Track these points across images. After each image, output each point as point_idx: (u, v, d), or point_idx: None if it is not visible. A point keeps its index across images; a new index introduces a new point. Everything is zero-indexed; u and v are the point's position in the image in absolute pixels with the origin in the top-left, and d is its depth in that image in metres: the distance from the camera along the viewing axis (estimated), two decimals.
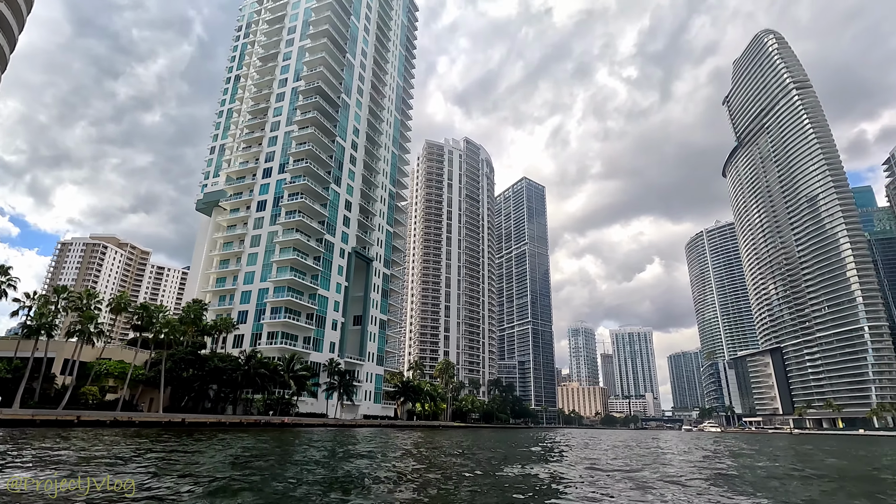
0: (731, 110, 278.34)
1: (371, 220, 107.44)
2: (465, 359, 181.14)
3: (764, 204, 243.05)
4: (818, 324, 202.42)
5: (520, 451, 35.87)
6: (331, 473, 18.38)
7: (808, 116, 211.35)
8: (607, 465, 26.26)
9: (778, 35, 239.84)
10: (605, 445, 49.92)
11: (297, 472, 17.75)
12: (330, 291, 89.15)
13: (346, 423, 76.34)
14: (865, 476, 25.22)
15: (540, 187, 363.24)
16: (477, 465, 23.77)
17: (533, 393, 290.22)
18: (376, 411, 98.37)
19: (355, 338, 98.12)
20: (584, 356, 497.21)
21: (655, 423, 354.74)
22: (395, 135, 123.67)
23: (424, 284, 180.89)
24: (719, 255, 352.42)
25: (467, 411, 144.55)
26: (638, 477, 20.59)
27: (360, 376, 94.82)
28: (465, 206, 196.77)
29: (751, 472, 24.71)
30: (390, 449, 32.61)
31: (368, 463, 22.63)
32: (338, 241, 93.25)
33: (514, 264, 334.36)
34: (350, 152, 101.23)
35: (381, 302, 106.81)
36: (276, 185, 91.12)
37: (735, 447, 52.95)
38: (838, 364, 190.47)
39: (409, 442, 42.06)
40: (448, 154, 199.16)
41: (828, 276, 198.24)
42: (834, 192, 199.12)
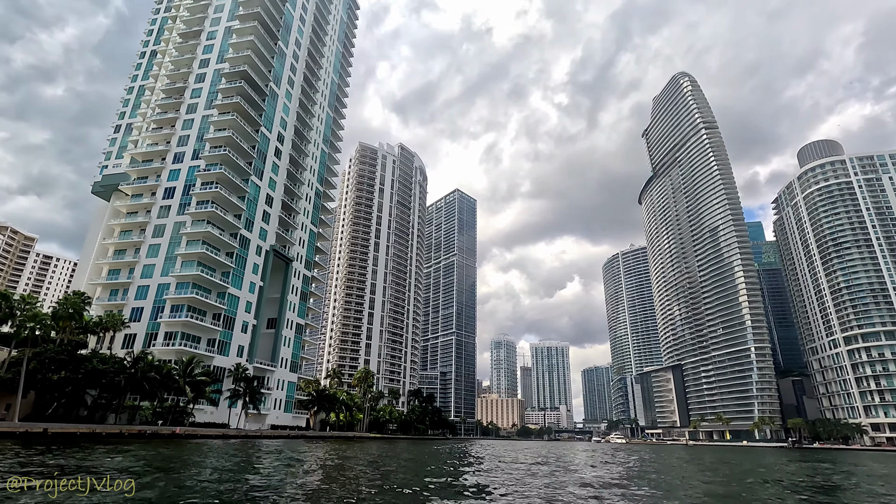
0: (649, 143, 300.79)
1: (294, 218, 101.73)
2: (386, 368, 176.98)
3: (673, 231, 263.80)
4: (713, 343, 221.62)
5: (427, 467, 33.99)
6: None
7: (714, 155, 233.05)
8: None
9: (692, 78, 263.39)
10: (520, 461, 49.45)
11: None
12: (242, 291, 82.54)
13: (250, 434, 70.33)
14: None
15: (472, 200, 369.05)
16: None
17: (453, 404, 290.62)
18: (286, 421, 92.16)
19: (268, 342, 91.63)
20: (505, 368, 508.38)
21: (567, 435, 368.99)
22: (327, 132, 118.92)
23: (348, 290, 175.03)
24: (632, 276, 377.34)
25: (385, 422, 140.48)
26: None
27: (270, 383, 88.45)
28: (396, 212, 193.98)
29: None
30: (284, 465, 29.33)
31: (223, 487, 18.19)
32: (255, 238, 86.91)
33: (441, 275, 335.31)
34: (276, 144, 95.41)
35: (300, 305, 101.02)
36: (188, 172, 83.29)
37: (633, 461, 54.77)
38: (728, 381, 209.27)
39: (310, 456, 38.64)
40: (382, 159, 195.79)
41: (723, 301, 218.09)
42: (732, 225, 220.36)
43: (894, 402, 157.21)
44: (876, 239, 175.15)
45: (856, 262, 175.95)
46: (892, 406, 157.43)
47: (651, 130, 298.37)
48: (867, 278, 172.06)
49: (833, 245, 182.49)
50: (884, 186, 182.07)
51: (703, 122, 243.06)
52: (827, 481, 31.55)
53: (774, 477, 33.45)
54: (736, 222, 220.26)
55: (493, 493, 18.33)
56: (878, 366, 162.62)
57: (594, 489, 21.73)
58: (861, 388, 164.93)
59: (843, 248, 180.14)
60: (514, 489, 20.10)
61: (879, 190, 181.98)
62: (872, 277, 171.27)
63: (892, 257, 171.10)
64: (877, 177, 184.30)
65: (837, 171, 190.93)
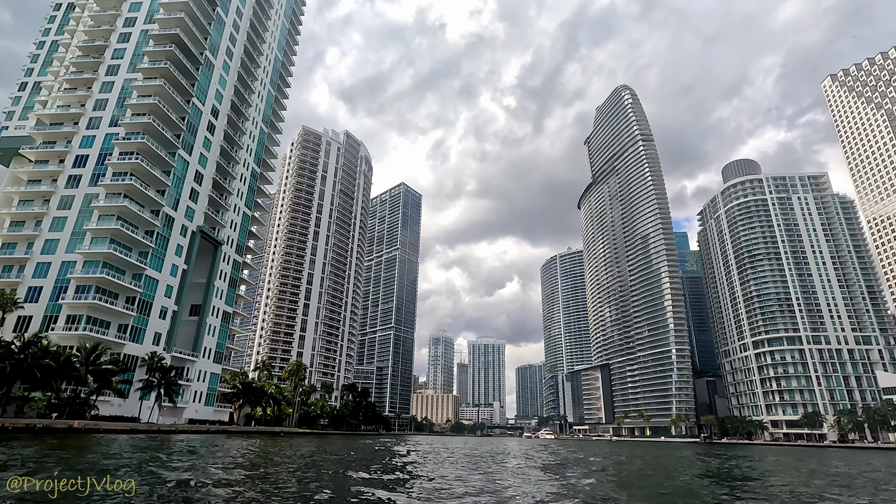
0: (591, 151, 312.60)
1: (226, 199, 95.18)
2: (320, 361, 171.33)
3: (608, 237, 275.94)
4: (639, 344, 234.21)
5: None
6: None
7: (649, 166, 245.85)
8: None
9: (633, 92, 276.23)
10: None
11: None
12: (162, 273, 75.81)
13: (164, 428, 64.63)
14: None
15: (417, 195, 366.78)
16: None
17: (388, 399, 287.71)
18: (207, 415, 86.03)
19: (190, 330, 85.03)
20: (442, 364, 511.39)
21: (499, 431, 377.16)
22: (267, 111, 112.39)
23: (284, 279, 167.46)
24: (568, 278, 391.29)
25: (315, 416, 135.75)
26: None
27: (190, 374, 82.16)
28: (339, 201, 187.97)
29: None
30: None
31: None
32: (180, 217, 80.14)
33: (383, 269, 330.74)
34: (209, 118, 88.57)
35: (228, 292, 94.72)
36: (104, 140, 75.23)
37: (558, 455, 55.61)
38: (651, 380, 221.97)
39: (219, 453, 35.44)
40: (326, 145, 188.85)
41: (650, 305, 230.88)
42: (661, 233, 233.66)
43: (791, 401, 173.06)
44: (784, 253, 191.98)
45: (766, 273, 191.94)
46: (789, 405, 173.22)
47: (593, 139, 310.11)
48: (775, 288, 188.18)
49: (748, 257, 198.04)
50: (793, 205, 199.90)
51: (641, 135, 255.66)
52: (713, 468, 33.10)
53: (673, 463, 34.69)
54: (665, 231, 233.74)
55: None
56: (779, 368, 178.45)
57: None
58: (765, 388, 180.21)
59: (756, 259, 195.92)
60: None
61: (790, 208, 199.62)
62: (779, 288, 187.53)
63: (797, 270, 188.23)
64: (787, 196, 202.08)
65: (755, 189, 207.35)
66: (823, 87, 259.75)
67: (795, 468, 39.19)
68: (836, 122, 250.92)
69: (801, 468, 39.16)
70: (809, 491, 21.94)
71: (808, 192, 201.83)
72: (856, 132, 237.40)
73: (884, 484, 26.41)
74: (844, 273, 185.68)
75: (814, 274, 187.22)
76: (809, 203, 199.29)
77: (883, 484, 26.39)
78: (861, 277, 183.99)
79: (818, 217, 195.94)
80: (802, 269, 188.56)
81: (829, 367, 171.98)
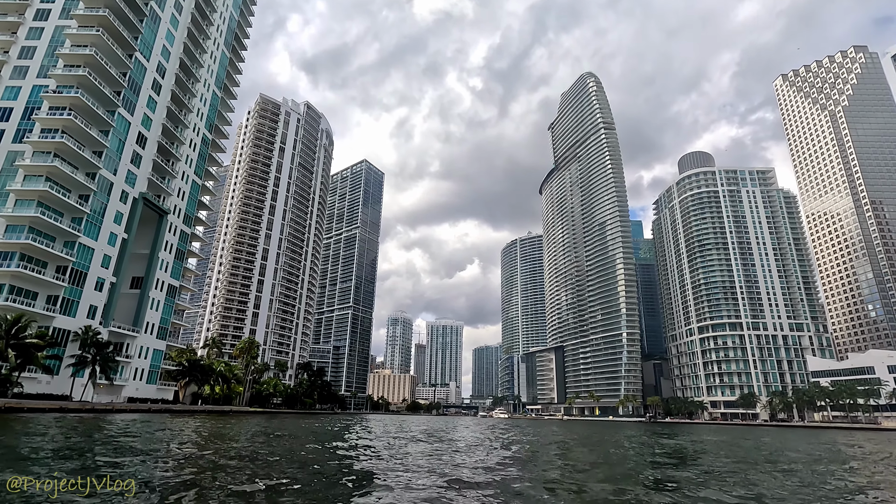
0: (554, 136, 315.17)
1: (173, 165, 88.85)
2: (274, 339, 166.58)
3: (567, 222, 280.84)
4: (592, 327, 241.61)
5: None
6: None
7: (609, 154, 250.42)
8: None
9: (597, 80, 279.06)
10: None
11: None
12: (99, 242, 70.04)
13: (99, 407, 60.40)
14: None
15: (380, 173, 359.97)
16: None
17: (345, 378, 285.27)
18: (149, 394, 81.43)
19: (130, 304, 79.64)
20: (400, 345, 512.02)
21: (454, 410, 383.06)
22: (221, 74, 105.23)
23: (237, 254, 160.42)
24: (528, 261, 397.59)
25: (268, 395, 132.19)
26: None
27: (130, 351, 77.19)
28: (297, 175, 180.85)
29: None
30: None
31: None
32: (119, 181, 74.00)
33: (342, 247, 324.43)
34: (154, 76, 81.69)
35: (174, 264, 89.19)
36: (31, 92, 67.88)
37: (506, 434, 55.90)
38: (602, 362, 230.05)
39: (147, 434, 32.86)
40: (285, 115, 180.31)
41: (604, 289, 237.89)
42: (618, 221, 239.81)
43: (729, 383, 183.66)
44: (731, 244, 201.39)
45: (714, 262, 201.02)
46: (727, 387, 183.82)
47: (556, 125, 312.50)
48: (721, 277, 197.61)
49: (698, 246, 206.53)
50: (741, 198, 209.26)
51: (603, 123, 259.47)
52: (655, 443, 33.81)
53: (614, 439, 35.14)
54: (622, 219, 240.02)
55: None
56: (721, 352, 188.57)
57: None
58: (707, 370, 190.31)
59: (705, 249, 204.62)
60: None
61: (738, 201, 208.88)
62: (725, 276, 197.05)
63: (742, 260, 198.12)
64: (737, 189, 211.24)
65: (709, 181, 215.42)
66: (775, 85, 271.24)
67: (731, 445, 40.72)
68: (784, 119, 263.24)
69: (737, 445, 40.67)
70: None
71: (756, 186, 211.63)
72: (801, 130, 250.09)
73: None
74: (784, 264, 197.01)
75: (756, 264, 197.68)
76: (756, 196, 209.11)
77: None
78: (798, 269, 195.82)
79: (763, 210, 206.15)
80: (747, 259, 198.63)
81: (765, 351, 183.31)
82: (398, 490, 13.56)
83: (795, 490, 16.00)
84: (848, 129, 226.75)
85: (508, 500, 12.83)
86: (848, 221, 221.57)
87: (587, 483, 16.78)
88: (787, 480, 18.28)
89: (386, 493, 12.94)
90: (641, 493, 14.58)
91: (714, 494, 14.28)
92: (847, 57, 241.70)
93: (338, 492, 13.28)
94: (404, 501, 12.02)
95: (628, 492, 14.80)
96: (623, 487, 15.70)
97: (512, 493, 13.89)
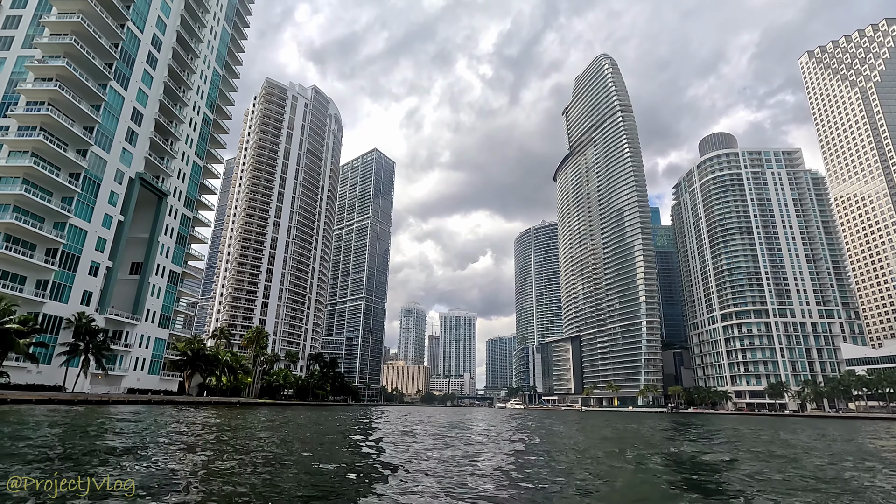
0: (569, 121, 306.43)
1: (172, 145, 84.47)
2: (285, 329, 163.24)
3: (583, 209, 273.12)
4: (610, 317, 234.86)
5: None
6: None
7: (627, 138, 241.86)
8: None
9: (613, 61, 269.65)
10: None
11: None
12: (92, 224, 65.94)
13: (93, 399, 56.53)
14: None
15: (391, 162, 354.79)
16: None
17: (358, 370, 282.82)
18: (151, 384, 77.77)
19: (129, 290, 75.81)
20: (414, 336, 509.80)
21: (469, 401, 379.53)
22: (222, 50, 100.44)
23: (245, 242, 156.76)
24: (542, 251, 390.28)
25: (278, 387, 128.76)
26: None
27: (129, 339, 73.40)
28: (306, 161, 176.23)
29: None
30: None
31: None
32: (114, 160, 69.72)
33: (354, 237, 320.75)
34: (149, 49, 77.05)
35: (176, 249, 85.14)
36: (16, 63, 63.63)
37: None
38: (620, 352, 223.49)
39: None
40: (292, 100, 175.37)
41: (622, 278, 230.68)
42: (637, 207, 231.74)
43: (755, 372, 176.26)
44: (756, 228, 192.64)
45: (737, 247, 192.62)
46: (752, 376, 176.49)
47: (571, 109, 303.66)
48: (745, 262, 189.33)
49: (721, 230, 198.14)
50: (766, 180, 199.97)
51: (620, 105, 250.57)
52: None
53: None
54: (640, 203, 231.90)
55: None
56: (745, 340, 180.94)
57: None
58: (730, 359, 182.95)
59: (728, 233, 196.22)
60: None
61: (763, 183, 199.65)
62: (749, 262, 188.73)
63: (767, 245, 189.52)
64: (762, 171, 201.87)
65: (731, 163, 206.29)
66: (800, 63, 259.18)
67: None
68: (810, 99, 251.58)
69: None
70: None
71: (782, 168, 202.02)
72: (829, 110, 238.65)
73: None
74: (812, 248, 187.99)
75: (783, 248, 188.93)
76: (782, 178, 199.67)
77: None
78: (827, 253, 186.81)
79: (790, 192, 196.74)
80: (773, 243, 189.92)
81: (792, 339, 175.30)
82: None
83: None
84: (881, 106, 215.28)
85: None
86: (880, 203, 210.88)
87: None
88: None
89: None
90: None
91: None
92: (878, 31, 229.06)
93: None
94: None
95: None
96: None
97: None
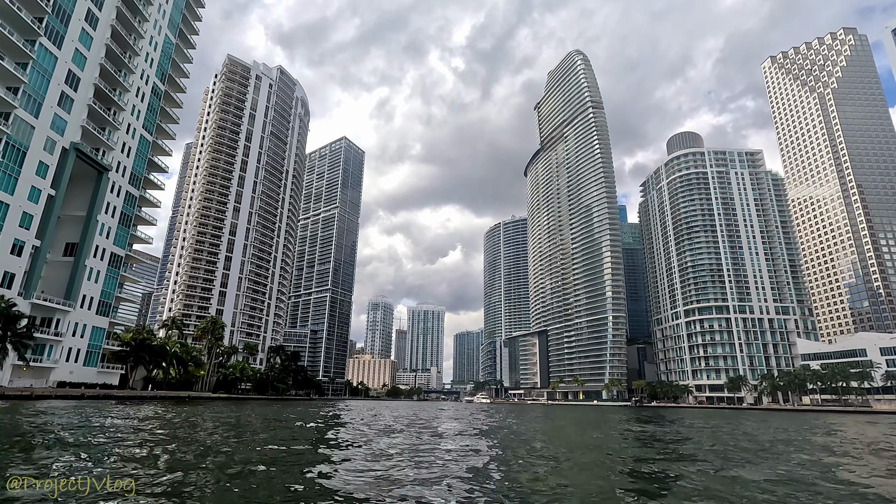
0: (540, 116, 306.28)
1: (116, 115, 76.92)
2: (244, 320, 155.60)
3: (552, 205, 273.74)
4: (577, 312, 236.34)
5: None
6: None
7: (598, 135, 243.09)
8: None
9: (585, 58, 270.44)
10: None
11: None
12: (16, 197, 58.64)
13: (11, 393, 50.08)
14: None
15: (360, 151, 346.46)
16: None
17: (322, 363, 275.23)
18: (87, 377, 70.70)
19: (62, 273, 68.51)
20: (381, 330, 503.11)
21: (435, 395, 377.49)
22: (176, 16, 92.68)
23: (202, 227, 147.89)
24: (511, 246, 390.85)
25: (235, 380, 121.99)
26: None
27: (61, 327, 66.27)
28: (269, 145, 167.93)
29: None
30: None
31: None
32: (43, 126, 62.31)
33: (320, 228, 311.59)
34: (88, 5, 69.42)
35: (119, 231, 77.78)
36: None
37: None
38: (586, 346, 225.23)
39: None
40: (255, 80, 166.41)
41: (590, 273, 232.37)
42: (606, 202, 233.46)
43: (715, 367, 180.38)
44: (719, 226, 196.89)
45: (702, 244, 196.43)
46: (713, 370, 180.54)
47: (543, 104, 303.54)
48: (709, 260, 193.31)
49: (686, 228, 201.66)
50: (730, 179, 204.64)
51: (591, 102, 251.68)
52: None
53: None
54: (609, 200, 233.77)
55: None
56: (707, 336, 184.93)
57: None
58: (692, 354, 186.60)
59: (693, 231, 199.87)
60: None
61: (727, 182, 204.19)
62: (713, 259, 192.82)
63: (730, 243, 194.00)
64: (726, 171, 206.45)
65: (697, 162, 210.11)
66: (763, 67, 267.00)
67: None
68: (771, 102, 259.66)
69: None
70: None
71: (745, 168, 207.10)
72: (789, 113, 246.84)
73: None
74: (771, 248, 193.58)
75: (744, 247, 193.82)
76: (745, 178, 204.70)
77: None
78: (785, 252, 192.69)
79: (752, 193, 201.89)
80: (735, 241, 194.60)
81: (751, 335, 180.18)
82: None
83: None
84: (836, 112, 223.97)
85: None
86: (833, 206, 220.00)
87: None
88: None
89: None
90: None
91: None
92: (836, 39, 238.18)
93: None
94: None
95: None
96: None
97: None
